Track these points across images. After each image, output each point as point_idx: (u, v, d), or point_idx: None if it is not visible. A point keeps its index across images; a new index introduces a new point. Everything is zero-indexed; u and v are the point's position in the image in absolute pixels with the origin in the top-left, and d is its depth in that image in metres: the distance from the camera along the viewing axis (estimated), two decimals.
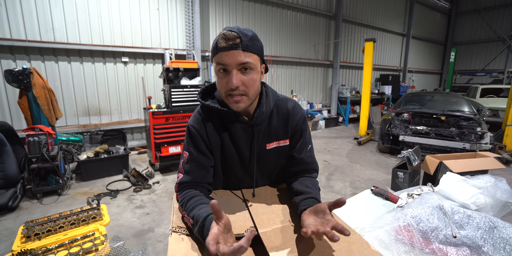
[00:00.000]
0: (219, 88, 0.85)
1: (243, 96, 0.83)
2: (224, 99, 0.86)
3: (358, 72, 10.42)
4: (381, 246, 1.04)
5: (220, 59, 0.79)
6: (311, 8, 8.13)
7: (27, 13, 4.14)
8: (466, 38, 14.95)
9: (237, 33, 0.77)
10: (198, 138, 0.92)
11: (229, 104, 0.85)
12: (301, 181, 0.94)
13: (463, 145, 4.29)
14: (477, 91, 8.55)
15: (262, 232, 0.76)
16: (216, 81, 0.87)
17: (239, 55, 0.78)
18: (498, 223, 0.98)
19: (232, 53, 0.78)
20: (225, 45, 0.77)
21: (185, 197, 0.85)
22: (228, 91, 0.82)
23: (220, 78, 0.83)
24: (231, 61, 0.78)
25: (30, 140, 3.08)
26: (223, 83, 0.82)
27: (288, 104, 0.99)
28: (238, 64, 0.79)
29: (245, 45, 0.78)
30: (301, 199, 0.83)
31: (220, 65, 0.80)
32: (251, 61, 0.80)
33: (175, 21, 5.60)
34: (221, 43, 0.78)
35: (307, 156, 1.00)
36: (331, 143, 6.32)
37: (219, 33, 0.80)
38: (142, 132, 5.57)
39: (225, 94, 0.84)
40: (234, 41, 0.77)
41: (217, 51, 0.80)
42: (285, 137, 0.99)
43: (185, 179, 0.90)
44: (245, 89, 0.82)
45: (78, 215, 1.70)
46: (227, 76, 0.81)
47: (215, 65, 0.82)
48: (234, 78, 0.79)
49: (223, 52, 0.78)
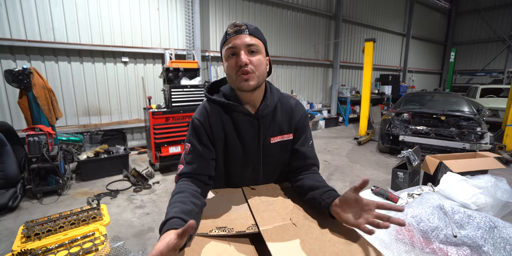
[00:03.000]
0: (229, 71, 0.90)
1: (251, 74, 0.87)
2: (234, 82, 0.90)
3: (358, 72, 10.42)
4: (381, 245, 1.04)
5: (229, 43, 0.87)
6: (311, 8, 8.13)
7: (27, 13, 4.14)
8: (466, 38, 14.96)
9: (243, 23, 0.88)
10: (201, 131, 0.94)
11: (239, 84, 0.89)
12: (310, 177, 0.95)
13: (463, 145, 4.29)
14: (477, 91, 8.55)
15: (263, 229, 0.76)
16: (225, 68, 0.92)
17: (245, 37, 0.86)
18: (499, 223, 0.98)
19: (239, 36, 0.86)
20: (233, 30, 0.87)
21: (175, 190, 0.86)
22: (238, 71, 0.87)
23: (229, 62, 0.89)
24: (239, 42, 0.86)
25: (30, 140, 3.08)
26: (232, 64, 0.88)
27: (291, 101, 1.04)
28: (245, 46, 0.86)
29: (251, 30, 0.88)
30: (321, 193, 0.83)
31: (229, 49, 0.87)
32: (257, 43, 0.88)
33: (175, 21, 5.60)
34: (229, 30, 0.87)
35: (309, 151, 1.02)
36: (331, 143, 6.32)
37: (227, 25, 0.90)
38: (142, 132, 5.56)
39: (235, 75, 0.88)
40: (241, 27, 0.87)
41: (226, 38, 0.88)
42: (289, 131, 1.01)
43: (185, 170, 0.92)
44: (253, 67, 0.87)
45: (78, 215, 1.69)
46: (236, 58, 0.87)
47: (225, 51, 0.89)
48: (243, 56, 0.85)
49: (233, 36, 0.87)
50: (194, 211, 0.76)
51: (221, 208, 0.90)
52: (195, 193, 0.85)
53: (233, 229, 0.78)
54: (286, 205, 0.91)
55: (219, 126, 0.95)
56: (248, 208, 0.89)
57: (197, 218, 0.77)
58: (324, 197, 0.81)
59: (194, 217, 0.74)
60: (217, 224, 0.80)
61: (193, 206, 0.77)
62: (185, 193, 0.82)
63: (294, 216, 0.84)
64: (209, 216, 0.85)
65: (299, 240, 0.72)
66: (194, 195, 0.84)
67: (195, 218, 0.75)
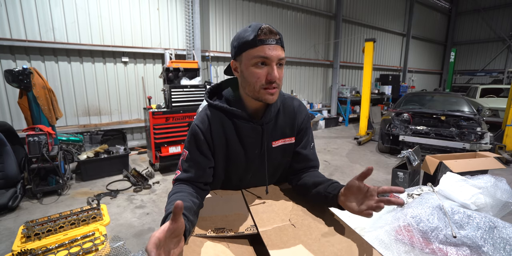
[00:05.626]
0: (254, 81, 0.84)
1: (276, 89, 0.85)
2: (256, 93, 0.85)
3: (358, 72, 10.42)
4: (381, 246, 1.04)
5: (263, 52, 0.80)
6: (311, 8, 8.13)
7: (27, 13, 4.14)
8: (466, 38, 14.95)
9: (275, 30, 0.82)
10: (201, 138, 0.92)
11: (263, 96, 0.85)
12: (311, 174, 0.96)
13: (463, 145, 4.29)
14: (477, 91, 8.55)
15: (262, 231, 0.76)
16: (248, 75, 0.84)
17: (280, 50, 0.82)
18: (498, 223, 0.98)
19: (275, 47, 0.81)
20: (269, 38, 0.80)
21: (172, 190, 0.86)
22: (267, 84, 0.83)
23: (257, 71, 0.83)
24: (274, 55, 0.81)
25: (30, 140, 3.08)
26: (261, 75, 0.82)
27: (294, 103, 1.03)
28: (278, 59, 0.82)
29: (282, 42, 0.84)
30: (326, 187, 0.84)
31: (260, 58, 0.81)
32: (285, 57, 0.85)
33: (175, 21, 5.60)
34: (263, 36, 0.79)
35: (311, 153, 1.02)
36: (331, 143, 6.32)
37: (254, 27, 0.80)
38: (142, 132, 5.56)
39: (260, 86, 0.84)
40: (276, 37, 0.81)
41: (257, 44, 0.80)
42: (291, 135, 1.00)
43: (181, 176, 0.91)
44: (279, 83, 0.85)
45: (78, 215, 1.70)
46: (265, 69, 0.82)
47: (252, 58, 0.81)
48: (276, 72, 0.82)
49: (266, 45, 0.80)
50: (193, 208, 0.76)
51: (220, 209, 0.89)
52: (193, 193, 0.85)
53: (232, 230, 0.78)
54: (285, 206, 0.91)
55: (221, 133, 0.93)
56: (247, 209, 0.89)
57: (195, 217, 0.77)
58: (330, 190, 0.82)
59: (192, 214, 0.74)
60: (216, 225, 0.80)
61: (192, 203, 0.78)
62: (183, 193, 0.83)
63: (293, 217, 0.84)
64: (208, 217, 0.84)
65: (298, 241, 0.72)
66: (192, 194, 0.84)
67: (194, 216, 0.75)
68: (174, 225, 0.59)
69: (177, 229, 0.60)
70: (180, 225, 0.60)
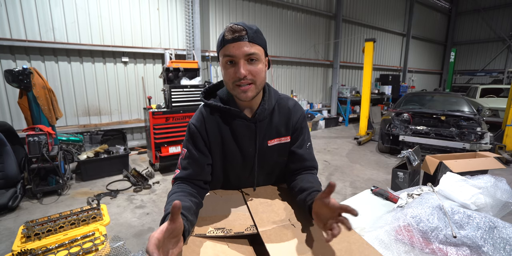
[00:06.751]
0: (226, 80, 0.86)
1: (251, 85, 0.85)
2: (232, 91, 0.88)
3: (358, 72, 10.42)
4: (381, 246, 1.04)
5: (227, 51, 0.81)
6: (311, 8, 8.13)
7: (27, 13, 4.14)
8: (466, 38, 14.95)
9: (242, 26, 0.81)
10: (197, 136, 0.93)
11: (237, 94, 0.86)
12: (302, 178, 0.95)
13: (463, 145, 4.29)
14: (477, 91, 8.55)
15: (262, 230, 0.76)
16: (223, 74, 0.88)
17: (245, 46, 0.80)
18: (498, 223, 0.98)
19: (238, 44, 0.80)
20: (232, 37, 0.80)
21: (171, 190, 0.87)
22: (236, 81, 0.83)
23: (227, 69, 0.84)
24: (238, 52, 0.80)
25: (30, 140, 3.08)
26: (231, 73, 0.84)
27: (289, 103, 1.03)
28: (245, 55, 0.81)
29: (251, 36, 0.81)
30: (306, 195, 0.83)
31: (227, 57, 0.82)
32: (257, 52, 0.83)
33: (175, 21, 5.60)
34: (227, 36, 0.80)
35: (306, 153, 1.02)
36: (331, 143, 6.32)
37: (225, 27, 0.82)
38: (142, 132, 5.56)
39: (232, 85, 0.85)
40: (240, 33, 0.80)
41: (224, 44, 0.82)
42: (286, 134, 1.01)
43: (181, 174, 0.92)
44: (253, 78, 0.84)
45: (78, 215, 1.70)
46: (235, 67, 0.83)
47: (222, 58, 0.84)
48: (242, 68, 0.81)
49: (230, 44, 0.80)
50: (192, 208, 0.76)
51: (220, 209, 0.90)
52: (192, 193, 0.85)
53: (232, 230, 0.78)
54: (285, 206, 0.91)
55: (216, 131, 0.94)
56: (247, 209, 0.89)
57: (194, 216, 0.77)
58: (308, 199, 0.81)
59: (191, 214, 0.74)
60: (216, 225, 0.80)
61: (191, 203, 0.78)
62: (182, 192, 0.83)
63: (292, 217, 0.84)
64: (208, 217, 0.84)
65: (298, 241, 0.72)
66: (192, 194, 0.84)
67: (193, 215, 0.75)
68: (172, 225, 0.59)
69: (176, 229, 0.60)
70: (178, 225, 0.60)
